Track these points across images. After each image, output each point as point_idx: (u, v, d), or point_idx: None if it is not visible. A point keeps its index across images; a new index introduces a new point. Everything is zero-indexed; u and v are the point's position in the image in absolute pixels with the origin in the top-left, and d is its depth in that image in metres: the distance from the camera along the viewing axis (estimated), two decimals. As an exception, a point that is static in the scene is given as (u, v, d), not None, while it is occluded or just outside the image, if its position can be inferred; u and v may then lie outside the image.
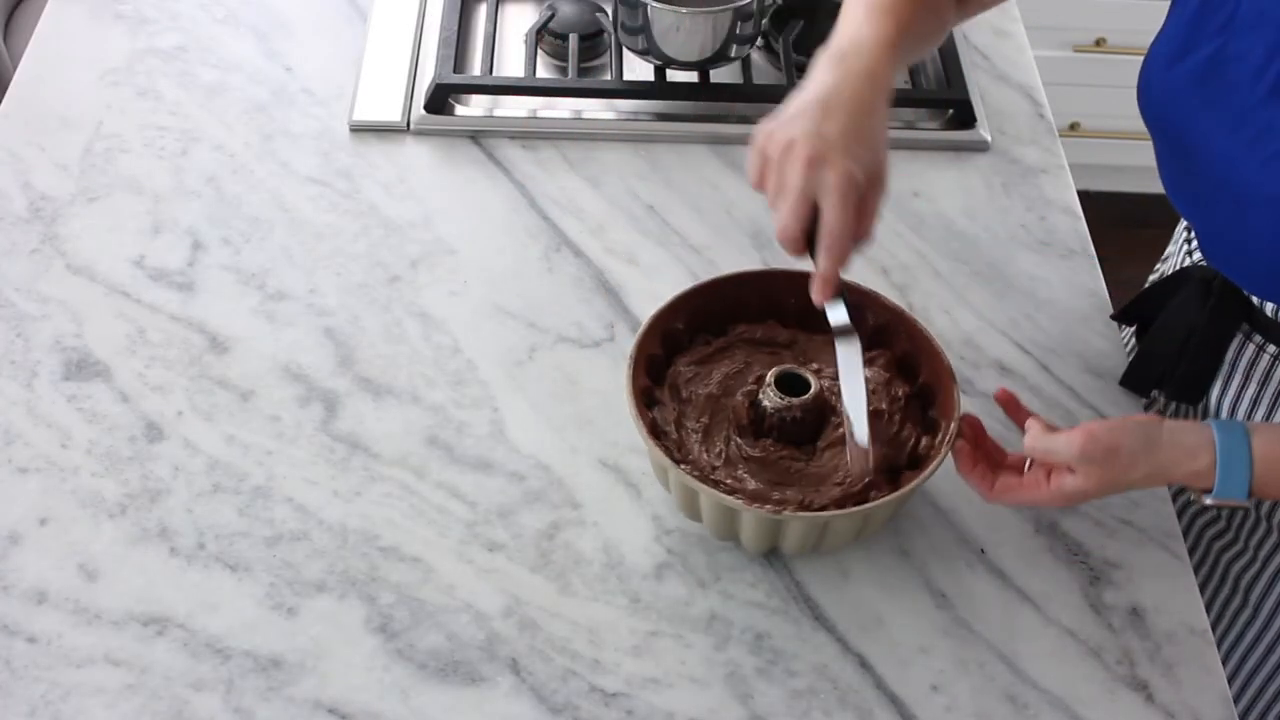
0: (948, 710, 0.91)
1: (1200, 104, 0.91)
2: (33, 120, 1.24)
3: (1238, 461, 0.85)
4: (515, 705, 0.89)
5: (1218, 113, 0.90)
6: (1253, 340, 1.01)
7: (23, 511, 0.97)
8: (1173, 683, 0.93)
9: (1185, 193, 0.99)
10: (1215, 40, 0.90)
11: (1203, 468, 0.86)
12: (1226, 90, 0.89)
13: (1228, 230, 0.95)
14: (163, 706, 0.88)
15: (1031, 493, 0.89)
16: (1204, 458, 0.86)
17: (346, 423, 1.03)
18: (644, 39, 1.27)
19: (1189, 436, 0.87)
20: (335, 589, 0.94)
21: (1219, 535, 1.11)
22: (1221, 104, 0.90)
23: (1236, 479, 0.86)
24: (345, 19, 1.37)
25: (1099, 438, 0.85)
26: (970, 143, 1.29)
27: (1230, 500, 0.86)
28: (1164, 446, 0.86)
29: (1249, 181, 0.88)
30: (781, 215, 0.85)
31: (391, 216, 1.19)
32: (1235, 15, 0.88)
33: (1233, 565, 1.10)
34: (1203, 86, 0.91)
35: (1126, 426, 0.87)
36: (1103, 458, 0.85)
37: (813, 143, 0.84)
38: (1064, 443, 0.86)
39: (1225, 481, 0.86)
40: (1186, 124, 0.93)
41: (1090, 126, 2.36)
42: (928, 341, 0.97)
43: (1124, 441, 0.86)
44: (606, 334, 1.11)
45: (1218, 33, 0.89)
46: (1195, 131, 0.92)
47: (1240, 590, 1.10)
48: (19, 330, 1.08)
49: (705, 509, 0.92)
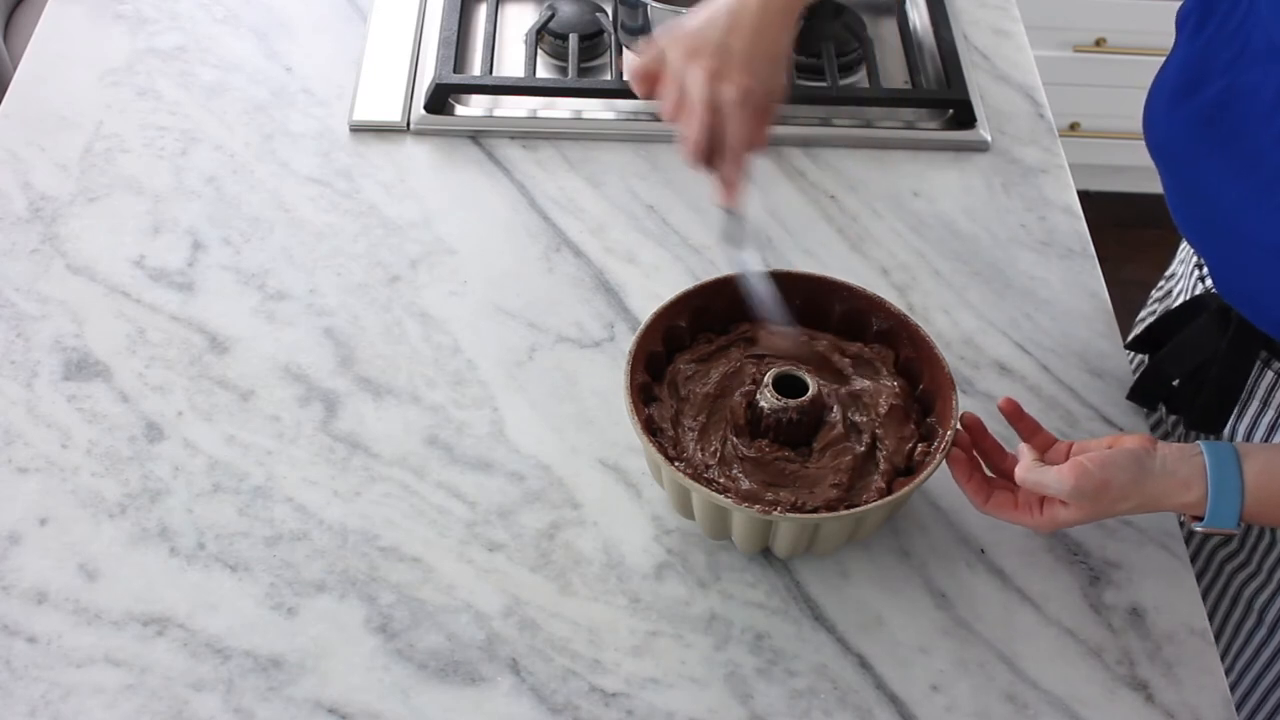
0: (948, 710, 0.91)
1: (1209, 146, 0.89)
2: (33, 120, 1.24)
3: (1229, 492, 0.85)
4: (515, 705, 0.89)
5: (1228, 156, 0.88)
6: (1271, 367, 1.00)
7: (23, 511, 0.97)
8: (1173, 683, 0.93)
9: (1195, 228, 0.97)
10: (1224, 77, 0.87)
11: (1194, 499, 0.86)
12: (1236, 132, 0.87)
13: (1241, 272, 0.93)
14: (163, 706, 0.88)
15: (1024, 517, 0.90)
16: (1196, 489, 0.86)
17: (346, 423, 1.03)
18: (644, 39, 1.27)
19: (1181, 467, 0.86)
20: (335, 589, 0.94)
21: (1231, 556, 1.10)
22: (1231, 147, 0.88)
23: (1227, 510, 0.85)
24: (345, 19, 1.37)
25: (1091, 474, 0.85)
26: (970, 143, 1.29)
27: (1220, 529, 0.86)
28: (1155, 478, 0.86)
29: (1261, 229, 0.86)
30: (690, 128, 0.88)
31: (391, 216, 1.19)
32: (1245, 50, 0.86)
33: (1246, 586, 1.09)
34: (1211, 127, 0.89)
35: (1118, 461, 0.86)
36: (1094, 492, 0.85)
37: (719, 56, 0.87)
38: (1055, 478, 0.86)
39: (1216, 512, 0.86)
40: (1194, 166, 0.91)
41: (1090, 126, 2.37)
42: (929, 348, 0.97)
43: (1116, 477, 0.85)
44: (606, 334, 1.11)
45: (1226, 69, 0.87)
46: (1204, 174, 0.90)
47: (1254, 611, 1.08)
48: (19, 330, 1.08)
49: (697, 508, 0.92)
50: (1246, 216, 0.87)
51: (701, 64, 0.87)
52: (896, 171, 1.26)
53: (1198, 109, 0.89)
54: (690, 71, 0.87)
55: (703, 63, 0.87)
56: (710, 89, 0.86)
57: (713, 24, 0.88)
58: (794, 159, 1.26)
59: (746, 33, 0.87)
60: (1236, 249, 0.91)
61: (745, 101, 0.86)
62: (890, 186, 1.25)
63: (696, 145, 0.88)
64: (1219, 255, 0.96)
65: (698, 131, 0.88)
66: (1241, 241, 0.89)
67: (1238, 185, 0.88)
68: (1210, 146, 0.89)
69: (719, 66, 0.86)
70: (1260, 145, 0.85)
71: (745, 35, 0.87)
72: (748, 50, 0.87)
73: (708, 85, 0.86)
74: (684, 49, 0.88)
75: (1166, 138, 0.93)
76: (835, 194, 1.23)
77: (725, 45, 0.87)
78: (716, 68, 0.86)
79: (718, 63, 0.86)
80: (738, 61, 0.86)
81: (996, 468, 0.94)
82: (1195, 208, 0.95)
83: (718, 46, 0.87)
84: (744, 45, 0.87)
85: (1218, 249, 0.96)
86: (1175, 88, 0.91)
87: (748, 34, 0.87)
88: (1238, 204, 0.88)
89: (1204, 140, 0.90)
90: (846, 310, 1.02)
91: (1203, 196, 0.92)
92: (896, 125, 1.29)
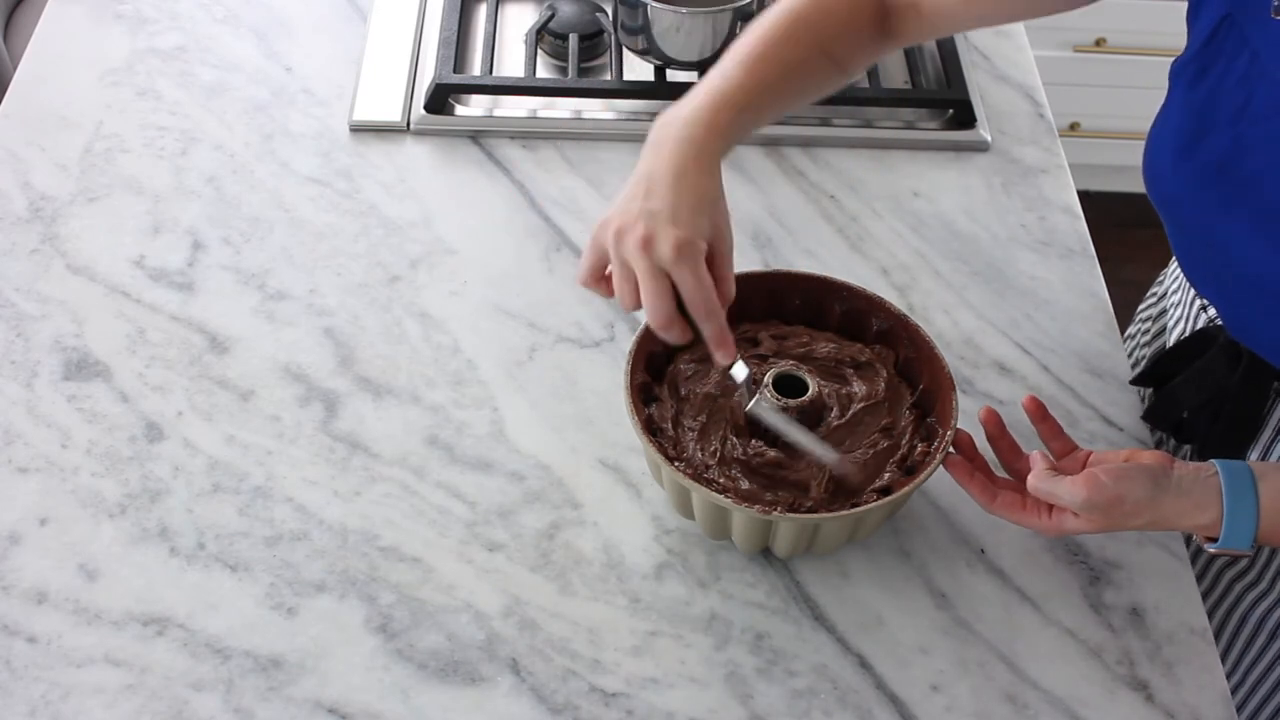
0: (948, 710, 0.91)
1: (1221, 200, 0.88)
2: (33, 120, 1.24)
3: (1244, 514, 0.84)
4: (515, 705, 0.89)
5: (1243, 209, 0.87)
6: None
7: (23, 511, 0.97)
8: (1173, 683, 0.93)
9: (1206, 277, 0.97)
10: (1232, 128, 0.86)
11: (1209, 521, 0.85)
12: (1250, 184, 0.86)
13: (1257, 320, 0.92)
14: (163, 706, 0.88)
15: (1032, 519, 0.89)
16: (1211, 511, 0.85)
17: (346, 423, 1.03)
18: (644, 39, 1.27)
19: (1196, 489, 0.85)
20: (335, 589, 0.94)
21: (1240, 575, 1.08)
22: (1247, 199, 0.86)
23: (1242, 532, 0.85)
24: (345, 19, 1.37)
25: (1105, 487, 0.84)
26: (970, 143, 1.29)
27: (1234, 550, 0.86)
28: (1170, 496, 0.85)
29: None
30: (649, 304, 0.84)
31: (391, 216, 1.19)
32: (1250, 104, 0.85)
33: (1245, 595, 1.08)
34: (1223, 180, 0.87)
35: (1133, 476, 0.85)
36: (1106, 505, 0.85)
37: (645, 222, 0.84)
38: (1068, 489, 0.85)
39: (1231, 533, 0.85)
40: (1207, 220, 0.90)
41: (1090, 126, 2.37)
42: (929, 348, 0.97)
43: (1130, 492, 0.84)
44: (606, 334, 1.11)
45: (1234, 120, 0.86)
46: (1218, 228, 0.89)
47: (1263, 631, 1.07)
48: (19, 330, 1.08)
49: (697, 507, 0.92)
50: (1268, 268, 0.87)
51: (632, 237, 0.84)
52: (896, 171, 1.26)
53: (1206, 163, 0.88)
54: (625, 247, 0.85)
55: (633, 235, 0.84)
56: (644, 255, 0.84)
57: (632, 197, 0.86)
58: (794, 159, 1.26)
59: (662, 191, 0.85)
60: (1255, 297, 0.90)
61: (682, 255, 0.83)
62: (890, 186, 1.25)
63: (665, 317, 0.85)
64: (1233, 303, 0.95)
65: (657, 302, 0.84)
66: (1260, 290, 0.88)
67: (1256, 238, 0.87)
68: (1223, 200, 0.88)
69: (647, 232, 0.83)
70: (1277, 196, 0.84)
71: (662, 194, 0.85)
72: (670, 206, 0.84)
73: (643, 253, 0.83)
74: (614, 230, 0.85)
75: (1174, 190, 0.92)
76: (835, 194, 1.23)
77: (647, 210, 0.84)
78: (646, 234, 0.83)
79: (646, 229, 0.84)
80: (662, 220, 0.84)
81: (1010, 467, 0.94)
82: (1206, 257, 0.94)
83: (639, 214, 0.84)
84: (664, 203, 0.84)
85: (1232, 297, 0.95)
86: (1180, 140, 0.90)
87: (664, 192, 0.85)
88: (1257, 257, 0.87)
89: (1216, 193, 0.88)
90: (846, 310, 1.02)
91: (1217, 247, 0.91)
92: (896, 125, 1.29)
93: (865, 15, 0.96)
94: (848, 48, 0.96)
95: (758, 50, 0.91)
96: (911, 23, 0.96)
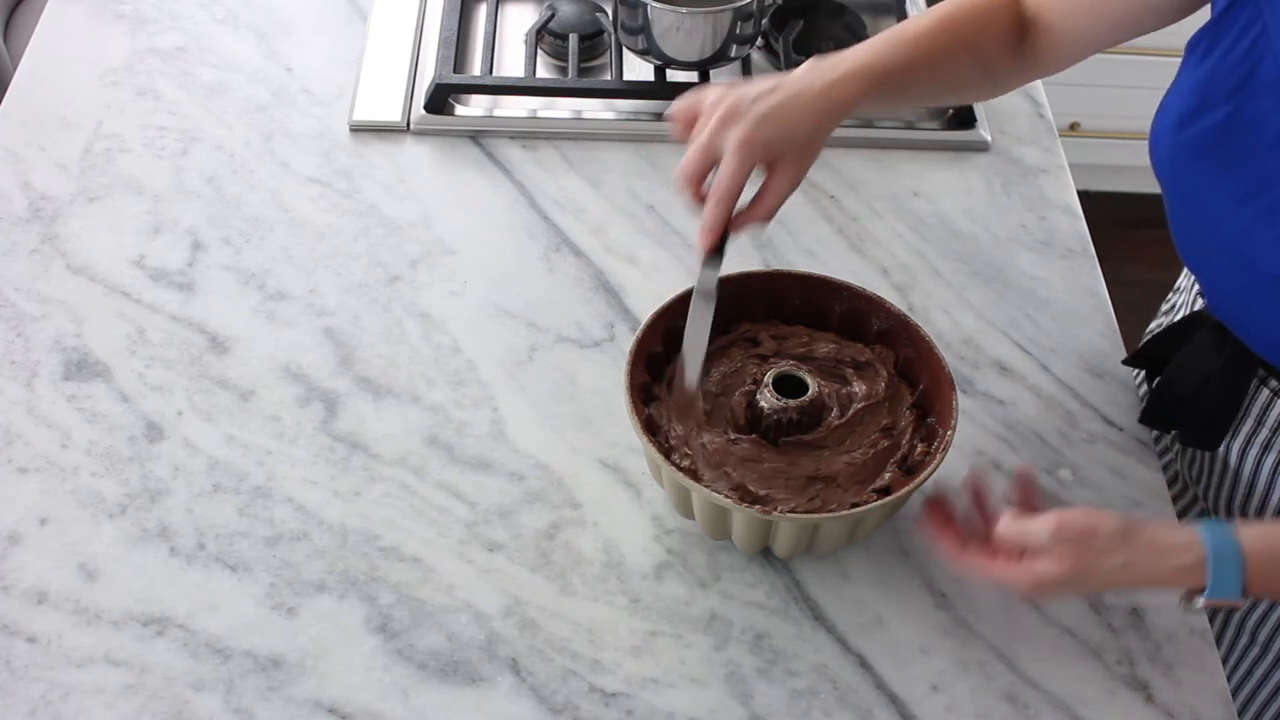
0: (948, 710, 0.91)
1: (1211, 169, 0.89)
2: (33, 120, 1.24)
3: (1228, 558, 0.82)
4: (515, 705, 0.89)
5: (1231, 179, 0.88)
6: (1268, 385, 0.99)
7: (23, 511, 0.97)
8: (1173, 683, 0.93)
9: (1192, 250, 0.97)
10: (1229, 103, 0.87)
11: (1191, 563, 0.83)
12: (1241, 156, 0.87)
13: (1236, 296, 0.93)
14: (163, 706, 0.88)
15: (1001, 570, 0.86)
16: (1194, 551, 0.83)
17: (346, 423, 1.03)
18: (644, 39, 1.27)
19: (1173, 533, 0.84)
20: (335, 589, 0.94)
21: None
22: (1235, 170, 0.87)
23: (1229, 578, 0.82)
24: (345, 19, 1.37)
25: (1073, 520, 0.83)
26: (970, 143, 1.29)
27: (1225, 600, 0.83)
28: (1145, 536, 0.84)
29: (1261, 255, 0.86)
30: (686, 155, 0.90)
31: (391, 216, 1.19)
32: (1251, 77, 0.86)
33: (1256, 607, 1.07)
34: (1215, 151, 0.88)
35: (1104, 513, 0.84)
36: (1077, 538, 0.83)
37: (737, 105, 0.88)
38: (1037, 525, 0.84)
39: (1218, 581, 0.82)
40: (1197, 188, 0.91)
41: (1090, 126, 2.37)
42: (929, 348, 0.97)
43: (1101, 524, 0.83)
44: (606, 334, 1.11)
45: (1231, 95, 0.87)
46: (1206, 197, 0.90)
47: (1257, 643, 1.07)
48: (19, 330, 1.08)
49: (697, 507, 0.92)
50: (1248, 241, 0.87)
51: (722, 109, 0.89)
52: (896, 171, 1.26)
53: (1202, 132, 0.89)
54: (712, 113, 0.89)
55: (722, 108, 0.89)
56: (716, 130, 0.88)
57: (750, 85, 0.90)
58: (794, 159, 1.26)
59: (776, 98, 0.89)
60: (1235, 272, 0.91)
61: (741, 147, 0.87)
62: (890, 186, 1.25)
63: (683, 171, 0.90)
64: (1216, 277, 0.96)
65: (687, 159, 0.90)
66: (1241, 265, 0.89)
67: (1241, 209, 0.87)
68: (1213, 169, 0.89)
69: (731, 113, 0.88)
70: (1265, 169, 0.85)
71: (772, 99, 0.89)
72: (768, 111, 0.88)
73: (717, 127, 0.88)
74: (715, 96, 0.90)
75: (1170, 160, 0.93)
76: (835, 194, 1.23)
77: (748, 98, 0.89)
78: (729, 113, 0.88)
79: (733, 110, 0.88)
80: (752, 116, 0.88)
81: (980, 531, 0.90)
82: (1195, 230, 0.95)
83: (741, 98, 0.89)
84: (767, 106, 0.88)
85: (1214, 270, 0.95)
86: (1180, 112, 0.91)
87: (776, 99, 0.89)
88: (1239, 228, 0.88)
89: (1207, 163, 0.89)
90: (846, 310, 1.02)
91: (1204, 219, 0.92)
92: (896, 125, 1.29)
93: (1002, 15, 0.98)
94: (991, 48, 0.98)
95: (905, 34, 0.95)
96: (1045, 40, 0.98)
